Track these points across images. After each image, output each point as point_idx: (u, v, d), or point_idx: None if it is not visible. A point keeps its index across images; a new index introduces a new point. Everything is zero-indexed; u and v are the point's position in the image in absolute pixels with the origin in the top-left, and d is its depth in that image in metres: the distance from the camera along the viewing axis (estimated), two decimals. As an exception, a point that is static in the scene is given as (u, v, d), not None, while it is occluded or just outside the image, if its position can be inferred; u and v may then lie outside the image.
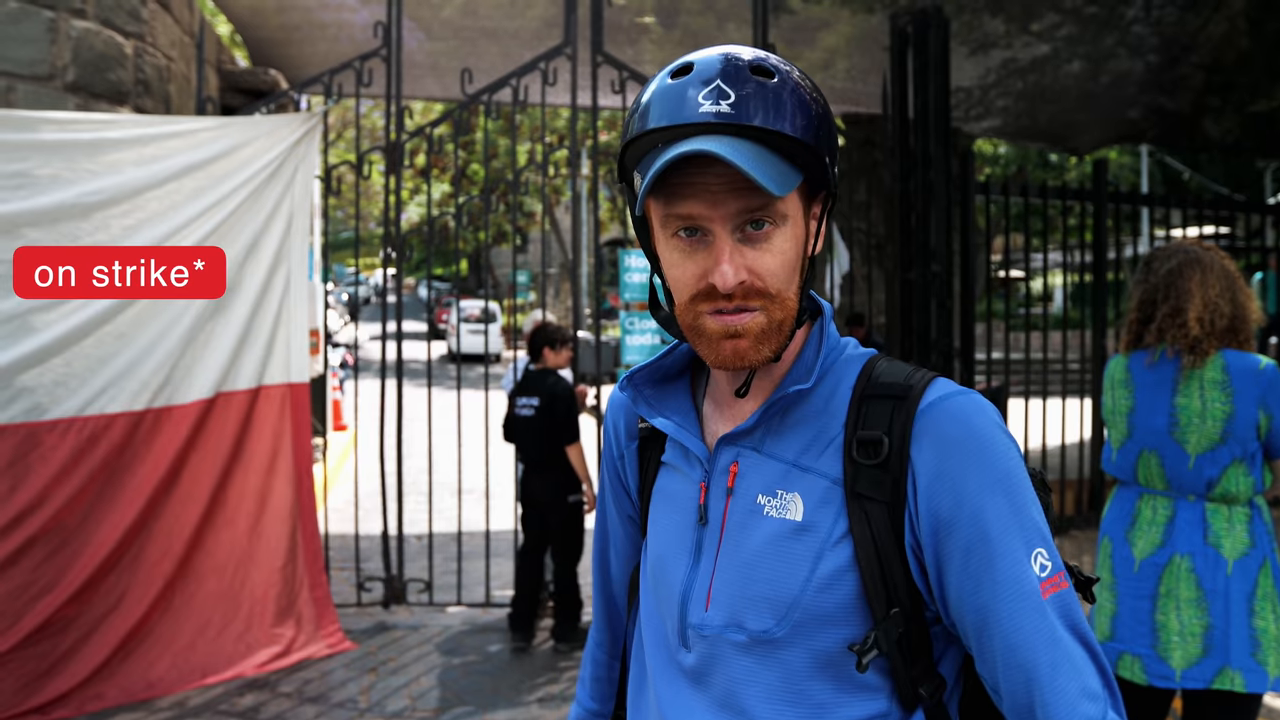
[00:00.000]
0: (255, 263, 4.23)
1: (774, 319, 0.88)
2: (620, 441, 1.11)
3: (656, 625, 1.01)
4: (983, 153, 20.53)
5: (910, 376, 0.93)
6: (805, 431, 0.94)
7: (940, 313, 5.31)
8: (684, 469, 1.00)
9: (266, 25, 6.96)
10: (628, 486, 1.11)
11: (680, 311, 0.91)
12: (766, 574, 0.90)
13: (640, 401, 1.01)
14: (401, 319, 5.09)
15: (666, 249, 0.91)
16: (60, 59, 4.26)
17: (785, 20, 6.71)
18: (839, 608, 0.89)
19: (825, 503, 0.90)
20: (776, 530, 0.91)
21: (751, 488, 0.93)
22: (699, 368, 1.06)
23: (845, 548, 0.89)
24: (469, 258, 31.26)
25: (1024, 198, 5.70)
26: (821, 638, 0.89)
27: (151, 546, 3.91)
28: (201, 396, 4.05)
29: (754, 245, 0.87)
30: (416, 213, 22.08)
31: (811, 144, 0.87)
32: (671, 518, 1.00)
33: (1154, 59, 7.23)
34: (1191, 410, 2.21)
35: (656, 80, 0.89)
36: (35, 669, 3.63)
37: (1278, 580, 2.18)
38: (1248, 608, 2.14)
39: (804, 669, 0.90)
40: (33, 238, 3.66)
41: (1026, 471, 0.91)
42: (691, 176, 0.85)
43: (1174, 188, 18.08)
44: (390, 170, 4.97)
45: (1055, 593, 0.87)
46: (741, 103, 0.84)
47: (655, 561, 1.01)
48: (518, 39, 7.10)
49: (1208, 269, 2.25)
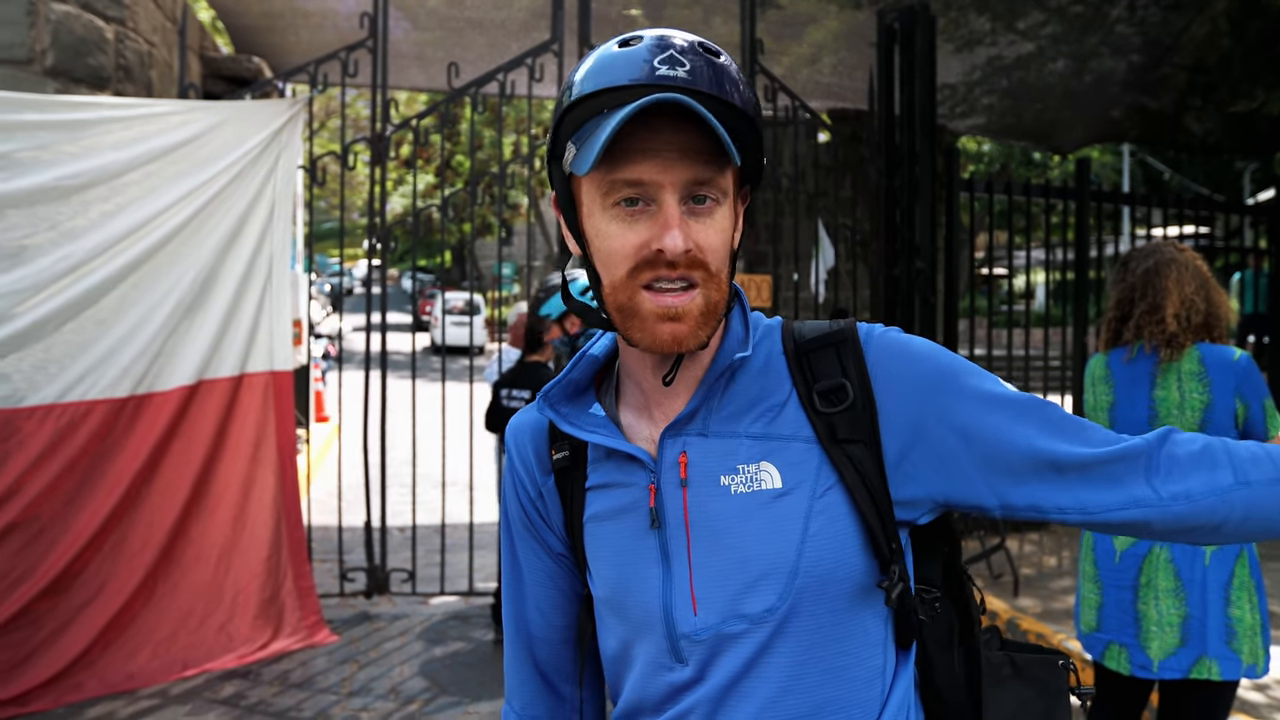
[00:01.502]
0: (237, 249, 4.19)
1: (710, 300, 0.86)
2: (535, 479, 1.02)
3: (635, 654, 0.94)
4: (966, 150, 20.64)
5: (834, 325, 0.96)
6: (750, 401, 0.92)
7: (924, 309, 5.34)
8: (623, 480, 0.94)
9: (249, 12, 6.89)
10: (551, 524, 1.02)
11: (613, 290, 0.87)
12: (756, 550, 0.88)
13: (562, 420, 0.95)
14: (386, 310, 5.06)
15: (603, 220, 0.87)
16: (39, 42, 4.20)
17: (772, 14, 6.72)
18: (839, 560, 0.88)
19: (802, 461, 0.90)
20: (752, 504, 0.89)
21: (709, 472, 0.90)
22: (604, 378, 1.02)
23: (834, 497, 0.89)
24: (453, 250, 31.13)
25: (1008, 195, 5.74)
26: (826, 596, 0.88)
27: (133, 536, 3.88)
28: (183, 383, 4.02)
29: (698, 219, 0.85)
30: (400, 204, 21.96)
31: (754, 121, 0.88)
32: (621, 536, 0.94)
33: (1137, 59, 7.29)
34: (1170, 402, 2.27)
35: (598, 51, 0.88)
36: (11, 658, 3.60)
37: (1254, 570, 2.22)
38: (1224, 597, 2.19)
39: (811, 636, 0.88)
40: (12, 220, 3.62)
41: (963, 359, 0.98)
42: (641, 141, 0.83)
43: (1155, 187, 18.26)
44: (375, 161, 4.95)
45: (1032, 395, 0.94)
46: (696, 71, 0.84)
47: (615, 588, 0.94)
48: (504, 30, 7.06)
49: (1183, 267, 2.32)
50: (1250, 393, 2.21)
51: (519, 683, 1.08)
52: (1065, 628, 4.38)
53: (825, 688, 0.88)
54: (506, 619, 1.08)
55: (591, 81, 0.85)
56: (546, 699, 1.07)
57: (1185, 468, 0.89)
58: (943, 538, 1.01)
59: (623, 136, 0.83)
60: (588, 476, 0.97)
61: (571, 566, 1.03)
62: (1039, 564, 5.62)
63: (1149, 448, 0.90)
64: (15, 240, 3.63)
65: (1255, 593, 2.21)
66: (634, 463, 0.93)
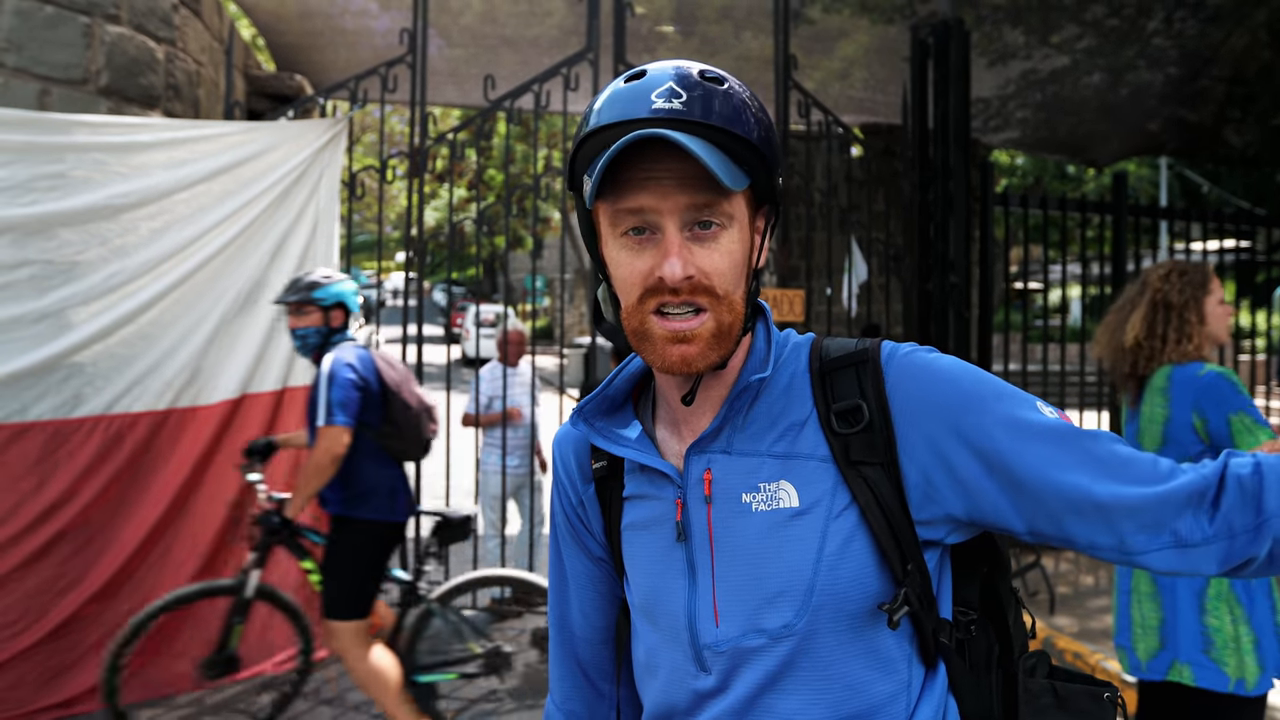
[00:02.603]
0: (281, 266, 4.28)
1: (722, 322, 0.88)
2: (576, 487, 1.06)
3: (665, 660, 0.97)
4: (1000, 164, 20.46)
5: (860, 344, 0.95)
6: (773, 420, 0.94)
7: (958, 323, 5.31)
8: (654, 493, 0.97)
9: (290, 31, 7.05)
10: (592, 530, 1.06)
11: (627, 315, 0.90)
12: (774, 568, 0.90)
13: (595, 434, 0.99)
14: (422, 322, 5.14)
15: (614, 249, 0.90)
16: (94, 63, 4.33)
17: (804, 30, 6.74)
18: (854, 580, 0.89)
19: (818, 481, 0.90)
20: (771, 522, 0.91)
21: (732, 489, 0.93)
22: (640, 394, 1.04)
23: (850, 518, 0.89)
24: (484, 262, 31.39)
25: (1043, 209, 5.70)
26: (844, 615, 0.89)
27: (177, 546, 3.96)
28: (227, 397, 4.11)
29: (702, 244, 0.87)
30: (434, 217, 22.20)
31: (758, 146, 0.88)
32: (653, 546, 0.97)
33: (1174, 71, 7.21)
34: (1145, 417, 2.39)
35: (610, 85, 0.91)
36: (60, 663, 3.68)
37: (1236, 583, 2.23)
38: (1197, 604, 2.23)
39: (830, 653, 0.89)
40: (65, 238, 3.73)
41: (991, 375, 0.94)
42: (641, 171, 0.86)
43: (1193, 201, 17.97)
44: (414, 175, 5.03)
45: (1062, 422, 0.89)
46: (692, 101, 0.86)
47: (648, 595, 0.98)
48: (537, 46, 7.16)
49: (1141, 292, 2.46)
50: (1210, 407, 2.24)
51: (560, 677, 1.13)
52: (1103, 647, 4.32)
53: (848, 704, 0.89)
54: (551, 618, 1.13)
55: (598, 117, 0.89)
56: (586, 694, 1.12)
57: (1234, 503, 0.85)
58: (983, 558, 1.01)
59: (625, 168, 0.87)
60: (624, 486, 1.01)
61: (611, 571, 1.07)
62: (1075, 582, 5.55)
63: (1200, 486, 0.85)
64: (68, 256, 3.74)
65: (1239, 605, 2.21)
66: (663, 477, 0.96)
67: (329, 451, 3.13)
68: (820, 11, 6.71)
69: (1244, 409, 2.22)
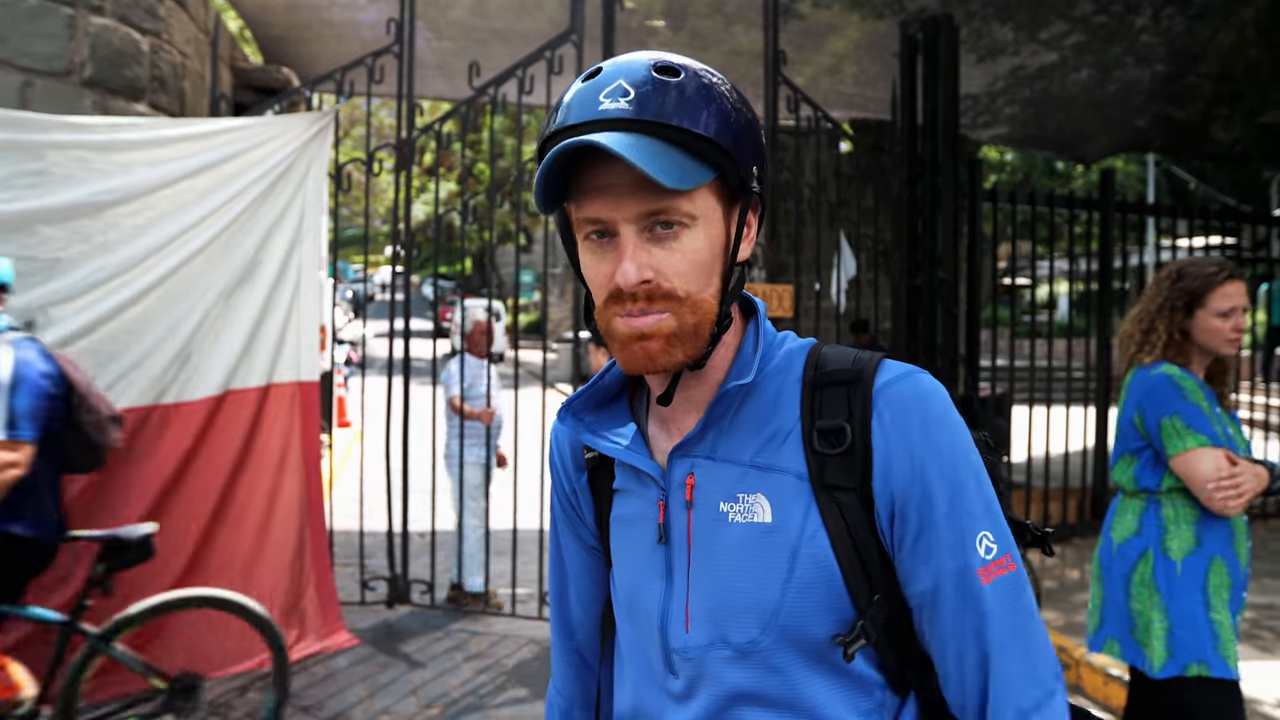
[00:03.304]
0: (266, 261, 4.24)
1: (685, 323, 0.85)
2: (570, 476, 1.06)
3: (639, 656, 0.98)
4: (989, 160, 20.53)
5: (858, 360, 0.91)
6: (758, 429, 0.90)
7: (946, 319, 5.32)
8: (638, 490, 0.96)
9: (277, 23, 7.00)
10: (585, 520, 1.06)
11: (598, 315, 0.89)
12: (744, 582, 0.88)
13: (582, 429, 0.97)
14: (409, 316, 5.11)
15: (583, 251, 0.89)
16: (78, 55, 4.28)
17: (794, 25, 6.73)
18: (821, 605, 0.86)
19: (793, 499, 0.88)
20: (745, 535, 0.88)
21: (712, 496, 0.90)
22: (638, 386, 1.02)
23: (820, 542, 0.87)
24: (473, 257, 31.30)
25: (1030, 206, 5.72)
26: (809, 638, 0.87)
27: (160, 544, 3.92)
28: (211, 393, 4.07)
29: (661, 245, 0.84)
30: (422, 211, 22.11)
31: (716, 140, 0.84)
32: (636, 542, 0.96)
33: (1162, 68, 7.24)
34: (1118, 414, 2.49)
35: (570, 87, 0.88)
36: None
37: (1158, 572, 2.28)
38: (1124, 589, 2.35)
39: (796, 674, 0.88)
40: (46, 234, 3.68)
41: (977, 452, 0.90)
42: (596, 178, 0.84)
43: (1180, 198, 18.08)
44: (401, 167, 5.00)
45: (1001, 576, 0.86)
46: (640, 99, 0.83)
47: (628, 590, 0.97)
48: (527, 40, 7.12)
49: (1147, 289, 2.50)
50: (1149, 407, 2.29)
51: (558, 660, 1.15)
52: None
53: None
54: (551, 603, 1.14)
55: (554, 120, 0.87)
56: (583, 678, 1.13)
57: None
58: None
59: (582, 173, 0.85)
60: (615, 477, 1.00)
61: (603, 559, 1.07)
62: (1061, 577, 5.58)
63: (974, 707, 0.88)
64: (50, 254, 3.70)
65: (1157, 593, 2.27)
66: (649, 476, 0.95)
67: (7, 470, 2.61)
68: (810, 7, 6.70)
69: (1178, 413, 2.24)
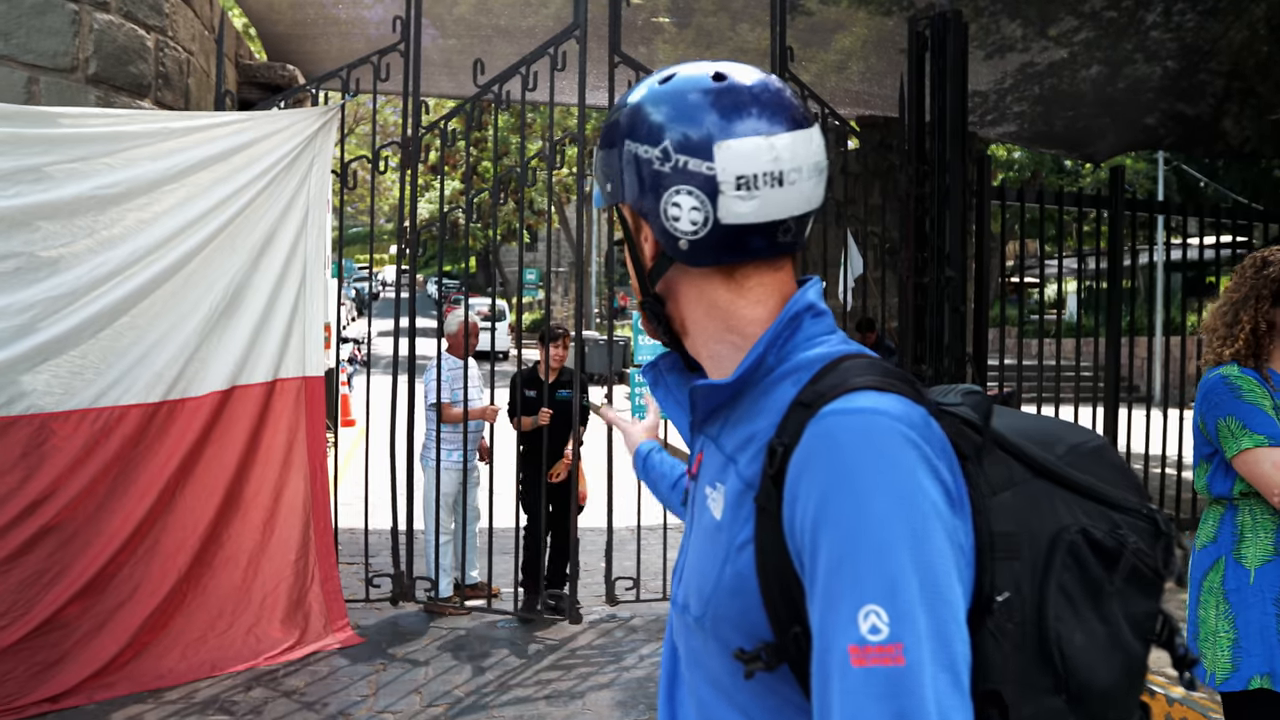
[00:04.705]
0: (271, 255, 4.24)
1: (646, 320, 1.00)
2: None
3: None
4: (997, 158, 20.44)
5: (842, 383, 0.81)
6: (746, 428, 0.89)
7: (953, 318, 5.28)
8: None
9: (282, 20, 6.98)
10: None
11: None
12: (700, 564, 0.90)
13: (660, 386, 1.06)
14: (415, 315, 5.10)
15: None
16: (83, 51, 4.27)
17: (801, 21, 6.70)
18: (743, 615, 0.83)
19: (738, 505, 0.86)
20: (708, 524, 0.91)
21: (705, 477, 0.94)
22: None
23: (747, 555, 0.83)
24: (478, 255, 31.30)
25: (1039, 204, 5.67)
26: (732, 641, 0.84)
27: (165, 539, 3.92)
28: (216, 389, 4.07)
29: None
30: (427, 209, 22.11)
31: (603, 158, 0.96)
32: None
33: (1173, 65, 7.18)
34: None
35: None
36: (46, 659, 3.65)
37: (1228, 579, 2.26)
38: (1196, 595, 2.33)
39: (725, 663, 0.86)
40: (48, 230, 3.67)
41: (908, 517, 0.72)
42: None
43: (1190, 196, 17.97)
44: (406, 165, 4.98)
45: (877, 665, 0.69)
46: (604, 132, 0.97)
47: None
48: (531, 37, 7.10)
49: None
50: (1207, 410, 2.28)
51: None
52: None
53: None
54: None
55: None
56: None
57: None
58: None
59: None
60: None
61: None
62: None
63: None
64: (54, 249, 3.69)
65: (1225, 602, 2.25)
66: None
67: None
68: (818, 3, 6.67)
69: (1233, 413, 2.19)
